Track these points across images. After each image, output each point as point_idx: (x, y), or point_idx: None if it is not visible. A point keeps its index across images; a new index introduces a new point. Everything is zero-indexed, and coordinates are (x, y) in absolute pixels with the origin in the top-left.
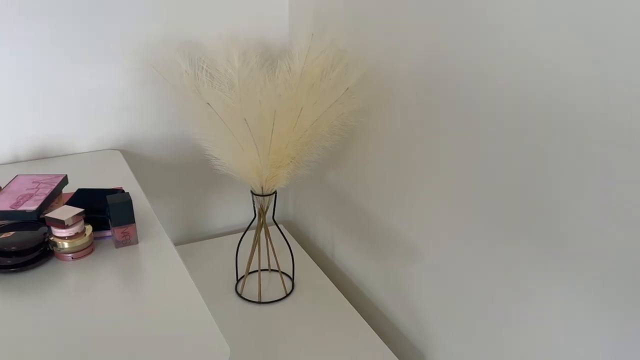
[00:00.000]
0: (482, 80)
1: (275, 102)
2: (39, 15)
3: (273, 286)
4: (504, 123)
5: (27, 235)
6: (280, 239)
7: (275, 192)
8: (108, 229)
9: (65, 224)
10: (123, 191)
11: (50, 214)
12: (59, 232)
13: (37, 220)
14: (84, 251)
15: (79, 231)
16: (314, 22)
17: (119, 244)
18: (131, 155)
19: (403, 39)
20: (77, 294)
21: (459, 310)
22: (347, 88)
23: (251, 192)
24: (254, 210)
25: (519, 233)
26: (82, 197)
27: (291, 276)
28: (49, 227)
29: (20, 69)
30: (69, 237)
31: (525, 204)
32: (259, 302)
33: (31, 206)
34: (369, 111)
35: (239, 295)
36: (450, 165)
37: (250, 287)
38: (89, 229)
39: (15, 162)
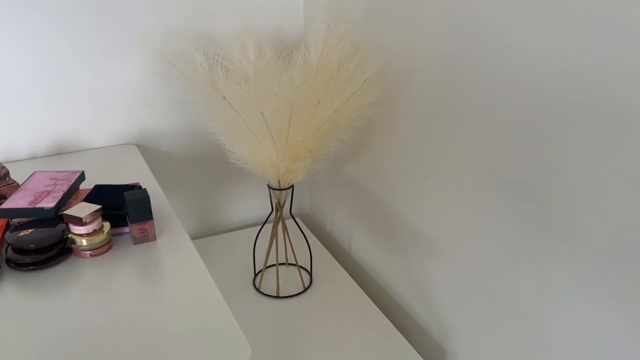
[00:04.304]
0: (501, 71)
1: (292, 94)
2: (52, 10)
3: (291, 280)
4: (523, 115)
5: (45, 232)
6: (297, 232)
7: (292, 186)
8: (126, 225)
9: (83, 221)
10: (140, 187)
11: (68, 211)
12: (77, 229)
13: (55, 218)
14: (102, 248)
15: (97, 228)
16: (329, 12)
17: (137, 241)
18: (147, 150)
19: (420, 29)
20: (96, 291)
21: (479, 304)
22: (366, 80)
23: (268, 186)
24: (271, 204)
25: (540, 226)
26: (100, 194)
27: (309, 270)
28: (67, 224)
29: (34, 64)
30: (87, 235)
31: (546, 197)
32: (277, 297)
33: (49, 203)
34: (386, 103)
35: (257, 289)
36: (469, 158)
37: (268, 282)
38: (107, 226)
39: (32, 158)
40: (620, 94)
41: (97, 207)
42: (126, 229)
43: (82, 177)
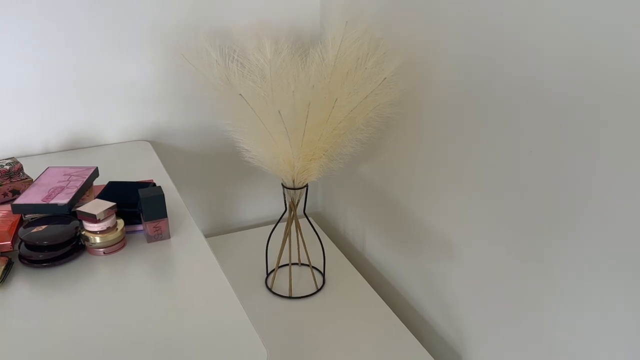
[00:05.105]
0: (525, 72)
1: (308, 92)
2: (67, 4)
3: (304, 281)
4: (545, 119)
5: (59, 229)
6: (310, 232)
7: (306, 186)
8: (140, 223)
9: (97, 218)
10: (154, 184)
11: (81, 208)
12: (90, 226)
13: (69, 214)
14: (115, 246)
15: (111, 225)
16: (347, 8)
17: (151, 239)
18: (161, 146)
19: (441, 26)
20: (109, 289)
21: (494, 308)
22: (385, 78)
23: (282, 185)
24: (285, 204)
25: (559, 231)
26: (113, 190)
27: (322, 271)
28: (80, 221)
29: (48, 60)
30: (101, 232)
31: (566, 202)
32: (290, 297)
33: (62, 199)
34: (405, 102)
35: (269, 289)
36: (488, 160)
37: (281, 281)
38: (120, 223)
39: (46, 153)
40: None
41: (111, 204)
42: (140, 227)
43: (95, 173)
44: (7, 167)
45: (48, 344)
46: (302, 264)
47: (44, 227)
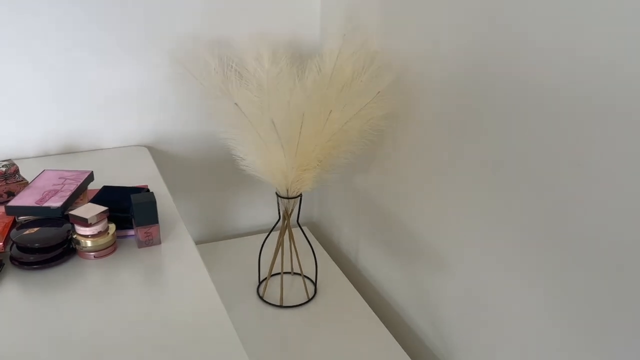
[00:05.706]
0: (518, 86)
1: (304, 103)
2: (68, 9)
3: (295, 290)
4: (538, 131)
5: (51, 232)
6: (304, 241)
7: (300, 195)
8: (131, 227)
9: (89, 222)
10: (148, 190)
11: (74, 212)
12: (82, 230)
13: (62, 217)
14: (106, 250)
15: (102, 230)
16: (346, 22)
17: (142, 244)
18: (157, 152)
19: (436, 41)
20: (98, 293)
21: (485, 323)
22: (379, 92)
23: (276, 194)
24: (279, 212)
25: (550, 246)
26: (107, 195)
27: (314, 280)
28: (72, 224)
29: (49, 64)
30: (92, 236)
31: (559, 216)
32: (281, 306)
33: (56, 202)
34: (399, 115)
35: (261, 298)
36: (481, 173)
37: (272, 290)
38: (112, 227)
39: (44, 155)
40: None
41: (103, 208)
42: (131, 232)
43: (90, 177)
44: (3, 169)
45: (36, 346)
46: (295, 273)
47: (36, 229)
